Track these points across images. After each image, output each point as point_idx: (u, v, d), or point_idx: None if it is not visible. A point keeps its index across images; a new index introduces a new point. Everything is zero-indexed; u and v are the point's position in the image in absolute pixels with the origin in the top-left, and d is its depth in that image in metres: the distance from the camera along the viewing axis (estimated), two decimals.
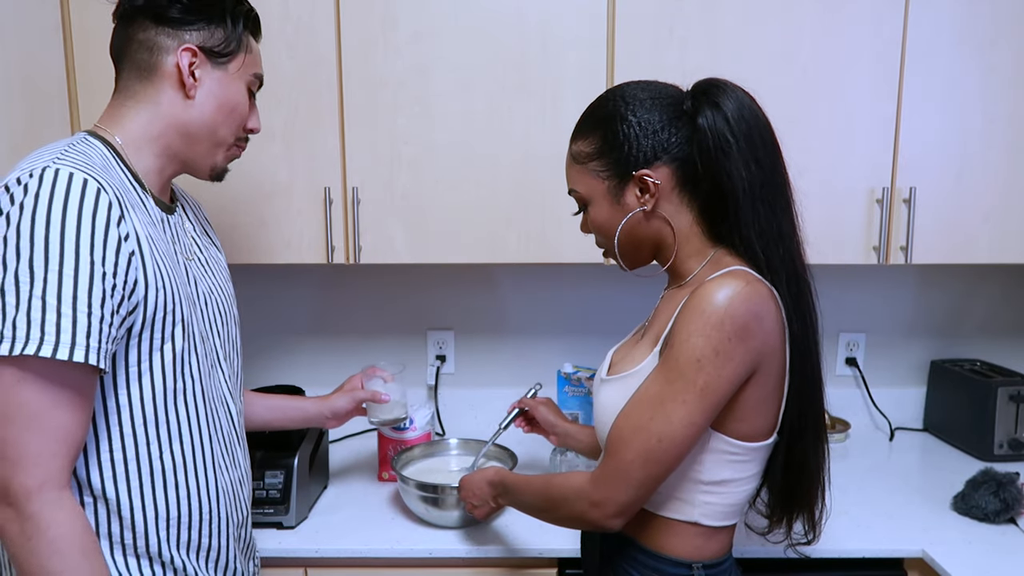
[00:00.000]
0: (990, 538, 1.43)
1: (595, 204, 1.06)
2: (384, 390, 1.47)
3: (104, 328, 0.86)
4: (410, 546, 1.41)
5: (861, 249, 1.61)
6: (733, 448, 0.99)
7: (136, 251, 0.90)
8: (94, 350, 0.85)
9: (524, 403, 1.50)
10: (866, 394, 2.03)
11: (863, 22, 1.53)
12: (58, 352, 0.83)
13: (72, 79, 1.51)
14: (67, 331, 0.83)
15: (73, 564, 0.86)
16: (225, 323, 1.12)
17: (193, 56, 1.00)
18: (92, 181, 0.87)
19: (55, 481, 0.86)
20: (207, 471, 1.02)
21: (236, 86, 1.05)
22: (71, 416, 0.86)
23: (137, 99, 1.01)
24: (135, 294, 0.90)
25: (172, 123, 1.01)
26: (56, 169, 0.86)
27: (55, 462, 0.86)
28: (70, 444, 0.87)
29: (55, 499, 0.86)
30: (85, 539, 0.88)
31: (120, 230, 0.88)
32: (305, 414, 1.43)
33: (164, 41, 0.99)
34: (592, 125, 1.05)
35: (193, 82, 1.00)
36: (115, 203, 0.88)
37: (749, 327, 0.92)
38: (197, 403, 1.01)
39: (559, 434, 1.46)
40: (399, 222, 1.58)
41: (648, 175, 1.00)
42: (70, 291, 0.84)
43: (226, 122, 1.05)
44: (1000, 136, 1.57)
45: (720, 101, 0.98)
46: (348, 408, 1.44)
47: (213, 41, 1.01)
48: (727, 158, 0.97)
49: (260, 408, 1.39)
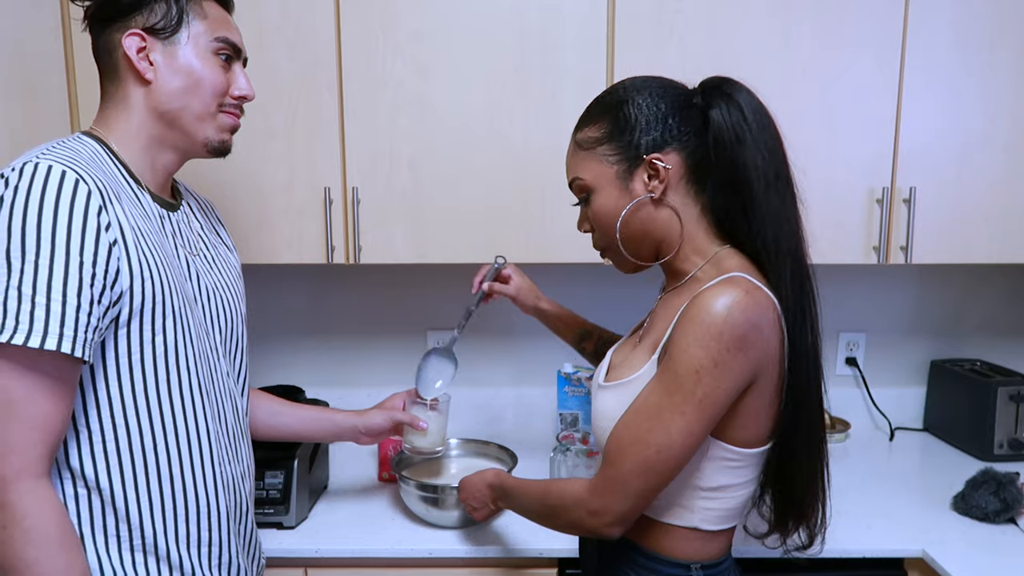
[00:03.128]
0: (990, 538, 1.43)
1: (600, 191, 1.04)
2: (425, 417, 1.41)
3: (82, 317, 0.86)
4: (410, 546, 1.41)
5: (861, 249, 1.61)
6: (732, 455, 0.99)
7: (119, 240, 0.90)
8: (68, 339, 0.85)
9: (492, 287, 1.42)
10: (866, 394, 2.03)
11: (863, 22, 1.53)
12: (30, 340, 0.83)
13: (72, 79, 1.51)
14: (40, 319, 0.84)
15: (49, 555, 0.86)
16: (228, 320, 1.12)
17: (141, 40, 0.99)
18: (71, 172, 0.87)
19: (32, 470, 0.86)
20: (204, 464, 1.02)
21: (194, 56, 1.02)
22: (49, 405, 0.86)
23: (113, 101, 1.02)
24: (118, 283, 0.90)
25: (146, 113, 1.01)
26: (36, 163, 0.87)
27: (33, 451, 0.86)
28: (49, 432, 0.87)
29: (32, 488, 0.86)
30: (63, 530, 0.88)
31: (100, 220, 0.88)
32: (338, 427, 1.40)
33: (115, 37, 1.00)
34: (601, 111, 1.05)
35: (148, 66, 1.00)
36: (95, 193, 0.88)
37: (748, 337, 0.92)
38: (193, 395, 1.00)
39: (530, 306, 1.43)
40: (399, 222, 1.58)
41: (659, 158, 0.99)
42: (45, 280, 0.84)
43: (195, 95, 1.02)
44: (1000, 136, 1.57)
45: (733, 93, 0.99)
46: (385, 427, 1.40)
47: (155, 18, 1.00)
48: (743, 148, 0.97)
49: (291, 419, 1.36)
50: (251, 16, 1.48)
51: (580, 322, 1.44)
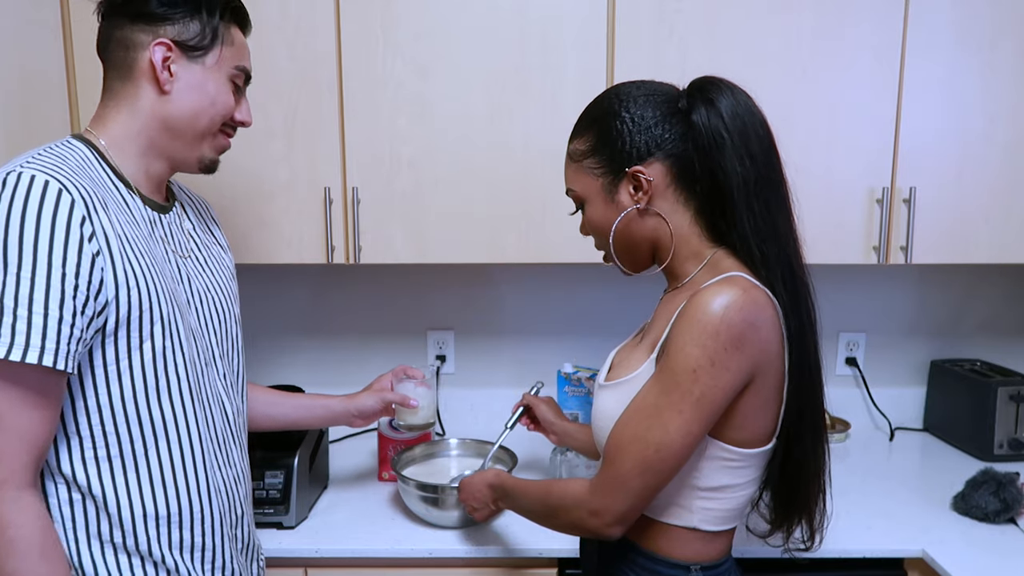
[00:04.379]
0: (990, 538, 1.43)
1: (590, 203, 1.06)
2: (414, 395, 1.45)
3: (64, 329, 0.86)
4: (410, 546, 1.41)
5: (861, 249, 1.61)
6: (731, 455, 0.99)
7: (103, 251, 0.89)
8: (50, 352, 0.85)
9: (528, 400, 1.50)
10: (866, 394, 2.03)
11: (863, 22, 1.53)
12: (11, 353, 0.83)
13: (72, 79, 1.51)
14: (22, 333, 0.83)
15: (30, 566, 0.86)
16: (223, 321, 1.11)
17: (168, 51, 0.99)
18: (53, 182, 0.86)
19: (16, 481, 0.86)
20: (196, 469, 1.01)
21: (214, 80, 1.03)
22: (34, 416, 0.86)
23: (118, 99, 1.01)
24: (102, 294, 0.89)
25: (151, 120, 1.01)
26: (19, 173, 0.86)
27: (16, 461, 0.86)
28: (32, 444, 0.87)
29: (15, 498, 0.85)
30: (46, 541, 0.88)
31: (83, 230, 0.87)
32: (331, 412, 1.43)
33: (139, 37, 0.99)
34: (587, 123, 1.05)
35: (168, 77, 0.99)
36: (79, 203, 0.87)
37: (745, 336, 0.92)
38: (184, 401, 1.00)
39: (558, 433, 1.46)
40: (399, 222, 1.58)
41: (641, 171, 0.99)
42: (26, 294, 0.84)
43: (205, 116, 1.03)
44: (1000, 136, 1.57)
45: (715, 98, 0.98)
46: (376, 408, 1.43)
47: (188, 34, 1.00)
48: (721, 154, 0.96)
49: (287, 408, 1.39)
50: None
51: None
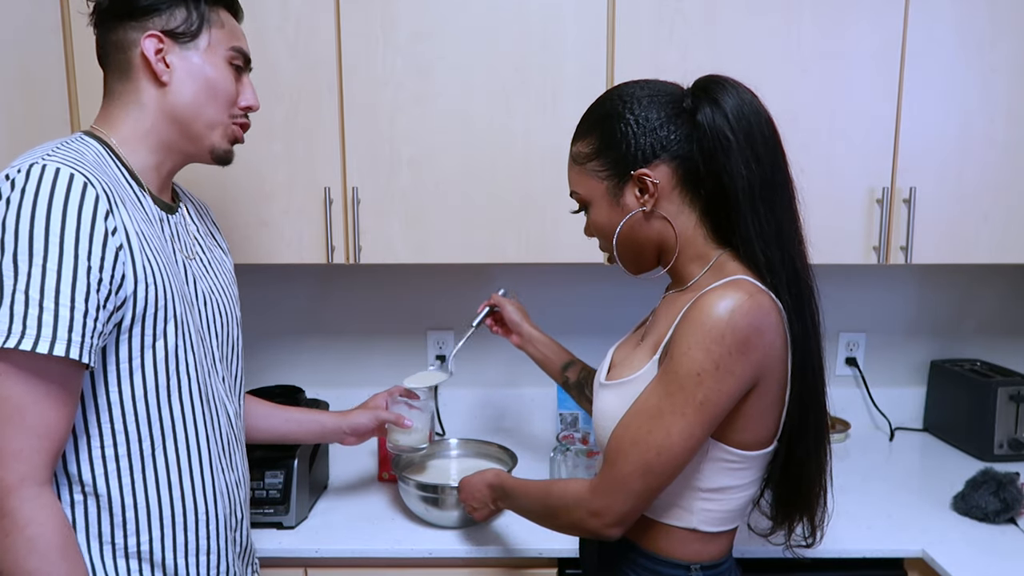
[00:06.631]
0: (990, 538, 1.43)
1: (595, 206, 1.05)
2: (408, 415, 1.42)
3: (88, 323, 0.86)
4: (410, 546, 1.41)
5: (861, 249, 1.61)
6: (732, 457, 0.99)
7: (124, 246, 0.90)
8: (76, 344, 0.85)
9: (495, 299, 1.50)
10: (866, 394, 2.03)
11: (863, 22, 1.53)
12: (38, 346, 0.83)
13: (72, 79, 1.51)
14: (48, 325, 0.83)
15: (50, 563, 0.85)
16: (224, 324, 1.11)
17: (159, 42, 0.99)
18: (79, 176, 0.87)
19: (35, 477, 0.85)
20: (203, 471, 1.02)
21: (212, 64, 1.03)
22: (54, 412, 0.86)
23: (122, 100, 1.01)
24: (123, 289, 0.90)
25: (158, 115, 1.01)
26: (43, 165, 0.86)
27: (36, 458, 0.85)
28: (52, 440, 0.86)
29: (35, 496, 0.85)
30: (64, 539, 0.87)
31: (107, 224, 0.88)
32: (323, 428, 1.40)
33: (131, 36, 0.99)
34: (590, 125, 1.04)
35: (165, 68, 1.00)
36: (103, 197, 0.88)
37: (750, 341, 0.91)
38: (193, 402, 1.00)
39: (523, 335, 1.46)
40: (399, 222, 1.58)
41: (646, 174, 0.98)
42: (53, 285, 0.84)
43: (210, 101, 1.03)
44: (1000, 136, 1.57)
45: (720, 98, 0.96)
46: (369, 426, 1.41)
47: (175, 22, 1.00)
48: (726, 156, 0.95)
49: (279, 421, 1.37)
50: (251, 16, 1.46)
51: (566, 352, 1.45)
